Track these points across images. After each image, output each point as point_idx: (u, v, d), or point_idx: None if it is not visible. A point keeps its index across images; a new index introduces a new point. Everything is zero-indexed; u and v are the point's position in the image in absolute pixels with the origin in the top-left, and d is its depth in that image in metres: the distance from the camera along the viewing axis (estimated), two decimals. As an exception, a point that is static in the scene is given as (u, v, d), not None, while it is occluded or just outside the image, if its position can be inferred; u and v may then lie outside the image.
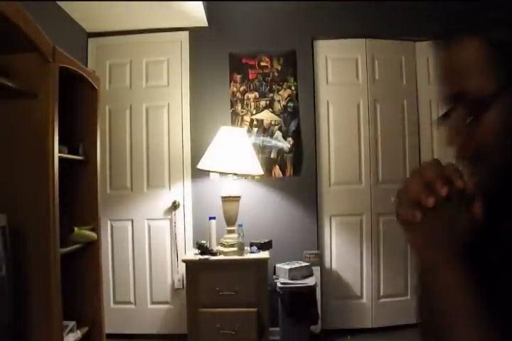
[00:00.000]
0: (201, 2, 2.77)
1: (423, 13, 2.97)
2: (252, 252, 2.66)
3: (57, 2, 2.65)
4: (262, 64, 3.13)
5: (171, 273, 3.08)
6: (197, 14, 2.93)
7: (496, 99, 0.53)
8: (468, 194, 0.52)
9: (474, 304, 0.50)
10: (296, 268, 2.69)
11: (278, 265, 2.77)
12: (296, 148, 3.09)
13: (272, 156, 3.09)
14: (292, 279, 2.64)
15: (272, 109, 3.11)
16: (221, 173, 2.78)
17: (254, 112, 3.12)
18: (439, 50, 0.59)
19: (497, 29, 0.53)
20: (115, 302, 3.09)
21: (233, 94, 3.13)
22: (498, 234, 0.56)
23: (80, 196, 2.22)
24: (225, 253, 2.61)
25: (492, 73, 0.54)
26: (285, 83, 3.11)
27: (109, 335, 2.39)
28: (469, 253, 0.53)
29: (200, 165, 2.68)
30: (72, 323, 2.00)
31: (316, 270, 2.82)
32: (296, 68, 3.12)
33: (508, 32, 0.52)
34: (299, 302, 2.57)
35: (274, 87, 3.12)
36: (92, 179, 2.26)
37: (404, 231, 0.55)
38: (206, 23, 3.08)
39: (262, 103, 3.12)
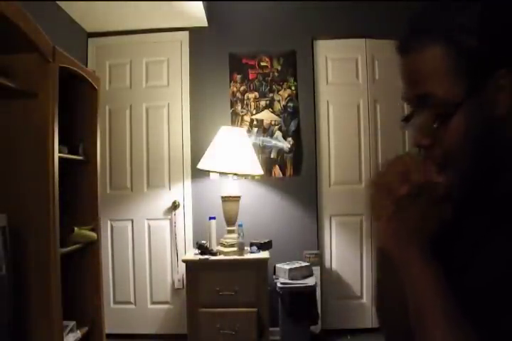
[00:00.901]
0: (201, 2, 2.77)
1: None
2: (252, 252, 2.66)
3: (57, 2, 2.65)
4: (262, 64, 3.13)
5: (171, 273, 3.08)
6: (197, 14, 2.93)
7: (462, 104, 0.53)
8: (439, 191, 0.53)
9: (447, 301, 0.51)
10: (296, 268, 2.69)
11: (278, 265, 2.77)
12: (296, 148, 3.09)
13: (272, 156, 3.09)
14: (292, 279, 2.64)
15: (272, 109, 3.11)
16: (221, 173, 2.78)
17: (254, 112, 3.12)
18: (402, 52, 0.58)
19: (463, 34, 0.52)
20: (115, 302, 3.09)
21: (233, 94, 3.13)
22: (462, 234, 0.57)
23: (80, 196, 2.22)
24: (225, 253, 2.61)
25: (458, 78, 0.53)
26: (285, 83, 3.11)
27: (109, 335, 2.39)
28: (435, 250, 0.55)
29: (200, 165, 2.68)
30: (72, 323, 2.00)
31: (316, 270, 2.82)
32: (296, 68, 3.12)
33: (473, 37, 0.52)
34: (299, 302, 2.57)
35: (274, 87, 3.12)
36: (92, 179, 2.26)
37: (376, 228, 0.56)
38: (206, 23, 3.08)
39: (262, 103, 3.12)
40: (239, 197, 2.71)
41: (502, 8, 0.54)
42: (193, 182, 3.10)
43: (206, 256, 2.57)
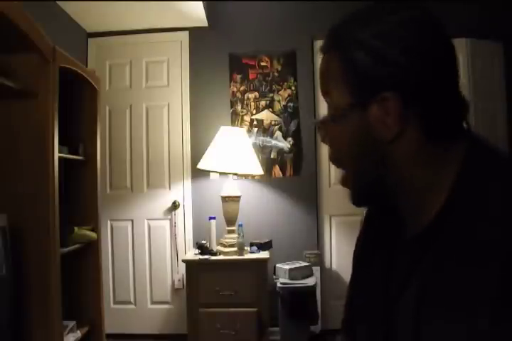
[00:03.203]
0: (201, 2, 2.77)
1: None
2: (252, 252, 2.66)
3: (57, 2, 2.65)
4: (262, 64, 3.13)
5: (171, 273, 3.08)
6: (197, 14, 2.92)
7: (344, 114, 0.56)
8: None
9: None
10: (296, 268, 2.69)
11: (278, 265, 2.77)
12: (296, 148, 3.09)
13: (272, 156, 3.09)
14: (292, 279, 2.64)
15: (271, 109, 3.11)
16: (221, 173, 2.78)
17: (254, 112, 3.12)
18: (320, 51, 0.61)
19: (357, 49, 0.54)
20: (115, 303, 3.09)
21: (233, 94, 3.13)
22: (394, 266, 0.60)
23: (80, 196, 2.22)
24: (225, 253, 2.61)
25: (347, 88, 0.55)
26: (285, 83, 3.11)
27: (109, 335, 2.39)
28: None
29: (200, 165, 2.68)
30: (72, 323, 2.00)
31: (316, 270, 2.82)
32: (296, 68, 3.12)
33: (365, 55, 0.53)
34: (299, 302, 2.57)
35: (274, 87, 3.12)
36: (92, 179, 2.26)
37: None
38: (206, 23, 3.08)
39: (262, 103, 3.12)
40: (239, 197, 2.71)
41: (402, 32, 0.53)
42: (193, 182, 3.10)
43: (206, 256, 2.57)
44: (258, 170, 2.75)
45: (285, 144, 3.09)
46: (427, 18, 0.54)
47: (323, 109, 3.15)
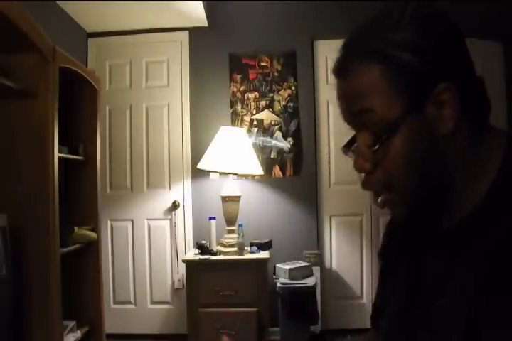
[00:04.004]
0: (201, 2, 2.76)
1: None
2: (252, 252, 2.66)
3: (57, 2, 2.65)
4: (262, 64, 3.13)
5: (171, 273, 3.08)
6: (197, 14, 2.92)
7: (402, 122, 0.51)
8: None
9: None
10: (296, 268, 2.69)
11: (278, 265, 2.77)
12: (296, 148, 3.09)
13: (271, 156, 3.09)
14: (292, 279, 2.64)
15: (271, 109, 3.11)
16: (221, 173, 2.78)
17: (254, 112, 3.12)
18: (339, 74, 0.56)
19: (398, 51, 0.51)
20: (115, 303, 3.09)
21: (233, 94, 3.13)
22: (423, 270, 0.59)
23: (80, 196, 2.22)
24: (225, 253, 2.61)
25: (397, 95, 0.51)
26: (285, 83, 3.11)
27: (109, 335, 2.39)
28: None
29: (200, 165, 2.68)
30: (72, 323, 2.00)
31: (316, 270, 2.82)
32: (296, 68, 3.12)
33: (409, 54, 0.50)
34: (299, 302, 2.57)
35: (274, 87, 3.12)
36: (92, 179, 2.26)
37: None
38: (206, 23, 3.08)
39: (262, 103, 3.12)
40: (239, 197, 2.71)
41: (434, 23, 0.52)
42: (193, 182, 3.10)
43: (206, 256, 2.57)
44: (258, 170, 2.75)
45: (285, 144, 3.09)
46: (444, 12, 0.54)
47: (323, 108, 3.15)
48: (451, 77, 0.51)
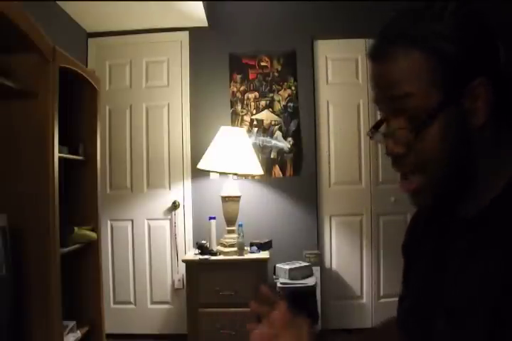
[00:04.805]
0: (201, 2, 2.76)
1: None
2: (252, 252, 2.66)
3: (57, 2, 2.65)
4: (262, 64, 3.13)
5: (171, 273, 3.08)
6: (197, 14, 2.92)
7: (439, 112, 0.53)
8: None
9: None
10: (296, 268, 2.69)
11: (278, 265, 2.77)
12: (296, 148, 3.09)
13: (271, 156, 3.09)
14: (292, 279, 2.64)
15: (271, 109, 3.11)
16: (221, 173, 2.78)
17: (254, 112, 3.12)
18: (377, 58, 0.57)
19: (440, 41, 0.52)
20: (115, 303, 3.09)
21: (233, 94, 3.13)
22: (445, 260, 0.59)
23: (80, 196, 2.22)
24: (225, 253, 2.61)
25: (435, 84, 0.53)
26: (285, 83, 3.11)
27: (109, 335, 2.39)
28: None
29: (200, 165, 2.68)
30: (72, 323, 2.00)
31: (316, 270, 2.82)
32: (296, 68, 3.12)
33: (450, 45, 0.52)
34: (299, 302, 2.57)
35: (274, 87, 3.12)
36: (92, 179, 2.26)
37: None
38: (206, 23, 3.08)
39: (262, 103, 3.12)
40: (239, 197, 2.71)
41: (477, 16, 0.54)
42: (193, 182, 3.10)
43: (206, 256, 2.57)
44: (258, 170, 2.75)
45: (285, 144, 3.09)
46: (481, 11, 0.55)
47: (323, 108, 3.15)
48: (486, 72, 0.53)
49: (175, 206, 3.09)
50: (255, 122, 3.11)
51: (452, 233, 0.59)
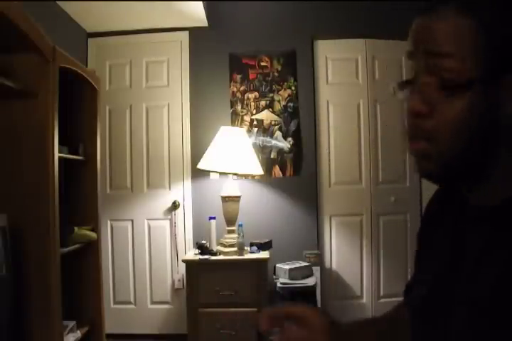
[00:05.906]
0: (201, 2, 2.77)
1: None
2: (252, 252, 2.66)
3: (57, 2, 2.65)
4: (262, 64, 3.13)
5: (171, 273, 3.08)
6: (197, 14, 2.92)
7: (475, 83, 0.50)
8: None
9: None
10: (296, 268, 2.69)
11: (278, 265, 2.77)
12: (296, 148, 3.09)
13: (271, 156, 3.09)
14: (292, 279, 2.64)
15: (271, 109, 3.11)
16: (221, 173, 2.78)
17: (254, 112, 3.12)
18: (425, 13, 0.55)
19: (498, 20, 0.50)
20: (115, 303, 3.09)
21: (233, 94, 3.13)
22: (465, 246, 0.58)
23: (80, 196, 2.22)
24: (225, 253, 2.61)
25: (478, 58, 0.50)
26: (285, 83, 3.11)
27: (109, 335, 2.39)
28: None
29: (200, 165, 2.68)
30: (72, 323, 2.00)
31: (316, 270, 2.82)
32: (296, 68, 3.12)
33: (498, 17, 0.50)
34: (299, 302, 2.57)
35: (274, 87, 3.12)
36: (92, 179, 2.26)
37: None
38: (206, 23, 3.08)
39: (262, 103, 3.12)
40: (239, 197, 2.71)
41: None
42: (193, 182, 3.10)
43: (206, 256, 2.57)
44: (258, 170, 2.75)
45: (285, 144, 3.09)
46: None
47: (323, 108, 3.15)
48: None
49: (175, 206, 3.09)
50: (255, 122, 3.11)
51: (474, 221, 0.57)
